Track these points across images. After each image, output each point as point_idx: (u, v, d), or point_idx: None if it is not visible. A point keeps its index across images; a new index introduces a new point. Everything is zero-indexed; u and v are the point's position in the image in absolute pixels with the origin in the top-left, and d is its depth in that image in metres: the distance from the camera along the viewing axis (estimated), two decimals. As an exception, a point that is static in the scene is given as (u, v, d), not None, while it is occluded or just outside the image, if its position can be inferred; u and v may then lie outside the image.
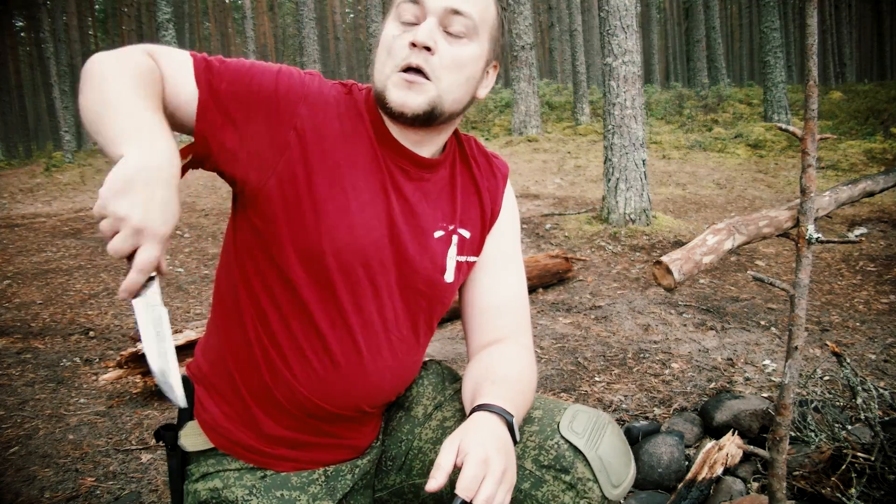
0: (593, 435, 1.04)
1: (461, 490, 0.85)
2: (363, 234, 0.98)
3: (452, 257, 1.10)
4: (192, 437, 1.06)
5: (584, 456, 1.01)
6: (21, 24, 30.87)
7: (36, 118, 34.69)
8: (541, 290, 4.07)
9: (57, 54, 15.41)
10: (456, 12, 0.96)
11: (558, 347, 3.05)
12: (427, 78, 0.95)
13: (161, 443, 1.10)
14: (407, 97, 0.95)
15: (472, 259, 1.13)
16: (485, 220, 1.13)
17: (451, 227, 1.09)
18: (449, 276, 1.09)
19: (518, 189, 8.01)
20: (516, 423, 0.99)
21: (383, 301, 1.03)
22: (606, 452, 1.03)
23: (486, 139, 12.24)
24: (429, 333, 1.14)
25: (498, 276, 1.15)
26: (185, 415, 1.09)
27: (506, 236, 1.16)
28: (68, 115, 14.19)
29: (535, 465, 1.03)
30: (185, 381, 1.10)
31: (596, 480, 1.01)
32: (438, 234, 1.07)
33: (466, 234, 1.11)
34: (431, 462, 1.12)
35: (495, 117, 14.44)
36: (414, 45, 0.94)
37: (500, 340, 1.14)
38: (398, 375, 1.10)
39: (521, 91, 11.93)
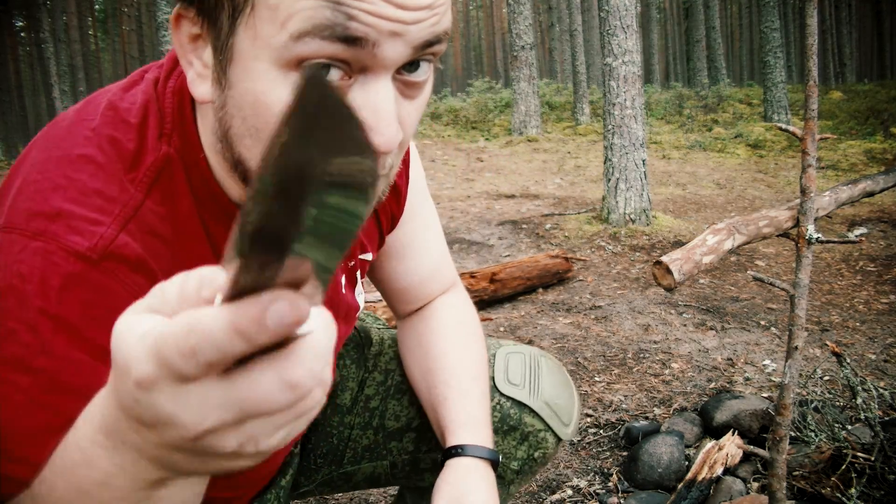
0: (532, 379, 0.98)
1: None
2: None
3: (361, 293, 0.91)
4: None
5: (529, 408, 0.97)
6: (21, 24, 30.87)
7: (36, 118, 34.68)
8: (541, 290, 4.07)
9: (57, 54, 15.41)
10: (433, 43, 0.52)
11: (558, 347, 3.04)
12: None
13: None
14: None
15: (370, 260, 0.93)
16: (384, 224, 0.90)
17: (352, 263, 0.85)
18: (361, 303, 0.91)
19: (518, 189, 8.01)
20: (491, 436, 0.90)
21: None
22: (550, 395, 0.98)
23: (486, 139, 12.24)
24: None
25: (414, 258, 0.97)
26: None
27: (418, 212, 0.95)
28: (68, 115, 14.21)
29: None
30: None
31: (548, 428, 0.97)
32: (342, 279, 0.84)
33: (369, 256, 0.89)
34: (364, 448, 1.04)
35: (495, 117, 14.44)
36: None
37: (432, 300, 1.01)
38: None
39: (521, 91, 11.93)
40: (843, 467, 1.66)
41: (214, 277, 0.31)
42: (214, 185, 0.59)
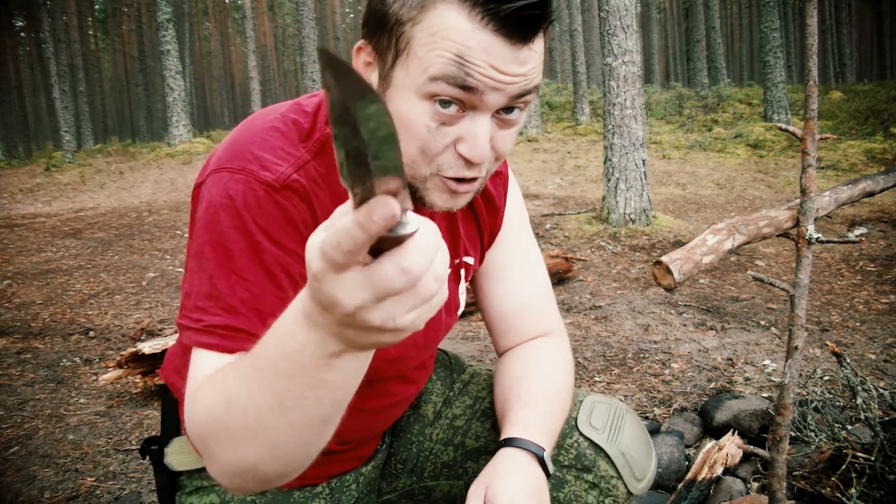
0: (613, 428, 1.01)
1: None
2: None
3: (463, 291, 1.03)
4: (181, 455, 0.98)
5: (605, 453, 0.99)
6: (21, 24, 30.87)
7: (36, 118, 34.69)
8: (541, 290, 4.07)
9: (57, 54, 15.41)
10: (523, 95, 0.74)
11: (558, 347, 3.05)
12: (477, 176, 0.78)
13: (147, 459, 1.01)
14: (452, 202, 0.79)
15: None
16: (484, 234, 1.03)
17: (457, 262, 0.99)
18: (461, 306, 1.03)
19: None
20: (550, 446, 0.93)
21: (404, 354, 0.97)
22: (628, 446, 1.00)
23: (486, 139, 12.25)
24: None
25: (512, 282, 1.06)
26: (171, 429, 1.00)
27: (516, 237, 1.07)
28: (68, 115, 14.19)
29: (554, 465, 0.99)
30: (167, 393, 1.01)
31: (620, 477, 0.98)
32: None
33: (471, 260, 1.02)
34: (443, 464, 1.10)
35: (495, 117, 14.43)
36: (469, 162, 0.74)
37: (529, 339, 1.07)
38: (414, 396, 1.07)
39: (521, 91, 11.92)
40: (843, 467, 1.66)
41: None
42: None
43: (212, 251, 0.75)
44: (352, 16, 43.55)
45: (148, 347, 2.55)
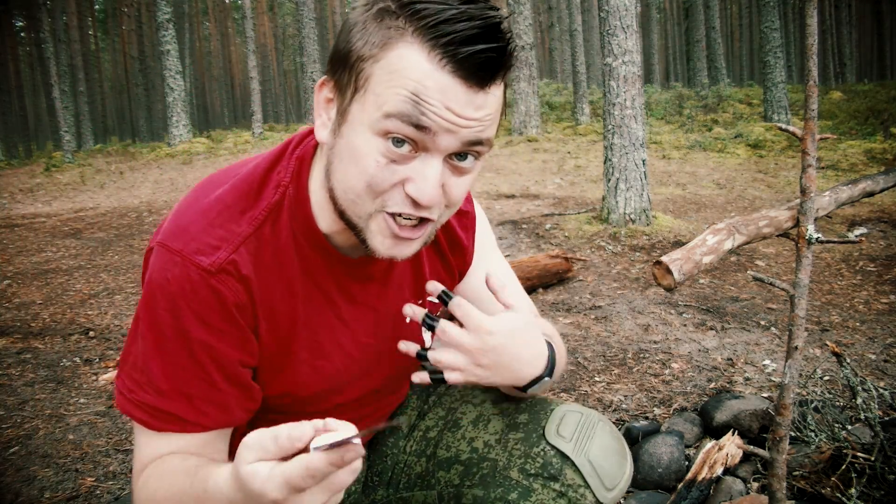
0: (582, 437, 1.00)
1: (441, 333, 0.87)
2: (342, 378, 0.95)
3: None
4: None
5: (572, 462, 0.98)
6: (21, 24, 30.87)
7: (36, 118, 34.67)
8: (541, 290, 4.06)
9: (57, 54, 15.41)
10: (476, 143, 0.75)
11: (558, 347, 3.04)
12: (425, 221, 0.79)
13: None
14: (395, 249, 0.80)
15: None
16: (454, 274, 1.07)
17: (420, 302, 1.02)
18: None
19: (518, 189, 8.01)
20: (558, 368, 0.97)
21: (376, 393, 1.05)
22: (597, 455, 0.99)
23: (486, 139, 12.24)
24: None
25: (487, 307, 1.08)
26: None
27: (487, 264, 1.11)
28: (68, 115, 14.19)
29: (521, 474, 1.00)
30: None
31: (587, 486, 0.97)
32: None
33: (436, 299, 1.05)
34: (417, 475, 1.11)
35: (495, 117, 14.42)
36: (416, 203, 0.75)
37: None
38: (389, 409, 1.14)
39: (520, 91, 11.93)
40: (843, 467, 1.66)
41: (300, 436, 0.61)
42: (312, 222, 0.86)
43: (147, 330, 0.80)
44: (352, 16, 43.49)
45: (148, 347, 2.54)
